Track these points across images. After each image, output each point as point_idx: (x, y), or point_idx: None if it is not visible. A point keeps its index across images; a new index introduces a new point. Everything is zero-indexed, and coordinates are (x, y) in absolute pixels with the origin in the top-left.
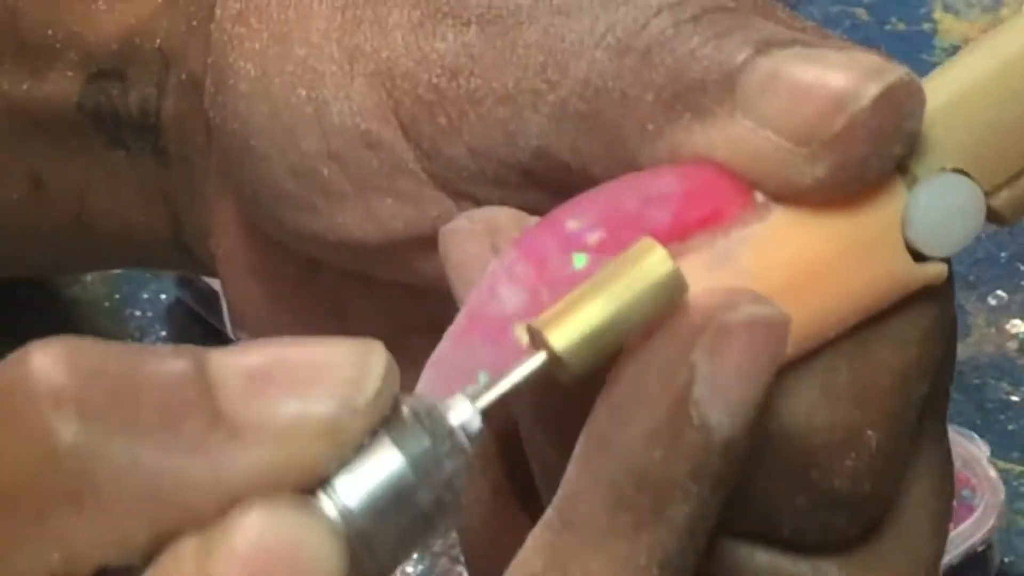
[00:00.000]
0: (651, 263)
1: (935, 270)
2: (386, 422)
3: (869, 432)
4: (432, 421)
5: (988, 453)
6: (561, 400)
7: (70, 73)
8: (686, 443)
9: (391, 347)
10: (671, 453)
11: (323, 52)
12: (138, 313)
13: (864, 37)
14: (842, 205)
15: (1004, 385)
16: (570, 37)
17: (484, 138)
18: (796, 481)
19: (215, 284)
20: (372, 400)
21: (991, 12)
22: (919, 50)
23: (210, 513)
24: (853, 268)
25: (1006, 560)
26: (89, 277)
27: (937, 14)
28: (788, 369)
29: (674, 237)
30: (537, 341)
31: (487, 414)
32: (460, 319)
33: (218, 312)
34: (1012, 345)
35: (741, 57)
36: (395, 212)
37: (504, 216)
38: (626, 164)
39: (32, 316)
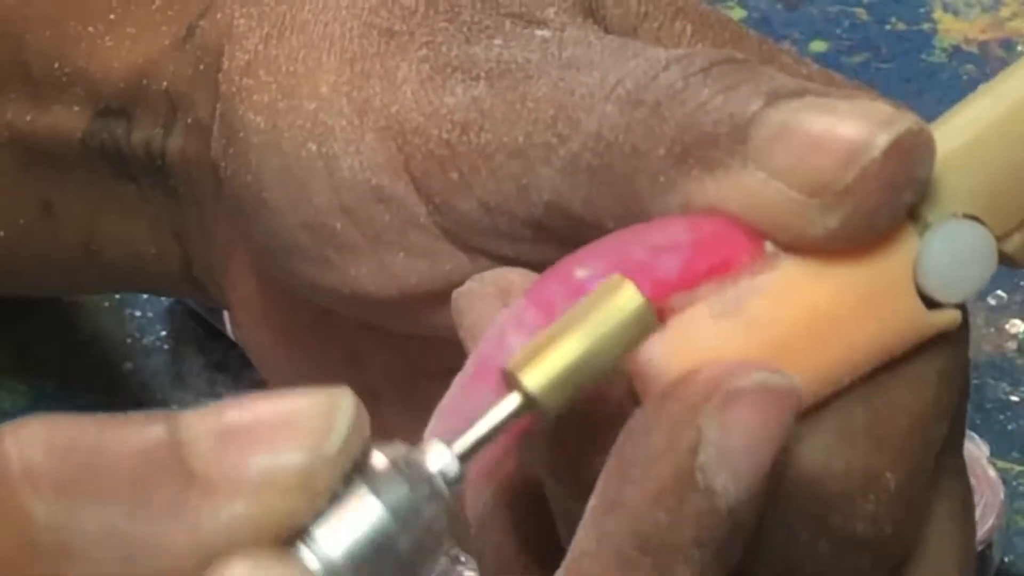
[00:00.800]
0: (621, 299)
1: (949, 317)
2: (363, 470)
3: (888, 474)
4: (410, 468)
5: (987, 453)
6: (573, 451)
7: (76, 108)
8: (691, 507)
9: (406, 394)
10: (676, 517)
11: (333, 106)
12: (138, 313)
13: (864, 37)
14: (853, 254)
15: (1003, 385)
16: (580, 91)
17: (496, 192)
18: (817, 526)
19: None
20: (342, 447)
21: (991, 12)
22: (919, 50)
23: (192, 571)
24: (865, 317)
25: (1006, 559)
26: None
27: (937, 14)
28: (804, 415)
29: (683, 285)
30: (511, 383)
31: (466, 458)
32: (468, 367)
33: (218, 312)
34: (1011, 345)
35: (752, 109)
36: (408, 266)
37: (515, 276)
38: (638, 217)
39: (32, 316)
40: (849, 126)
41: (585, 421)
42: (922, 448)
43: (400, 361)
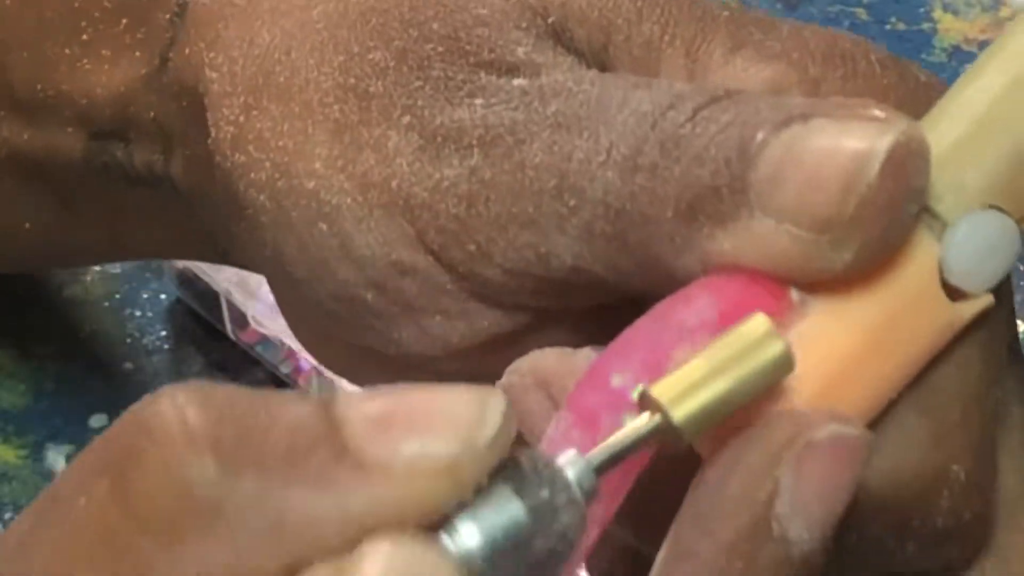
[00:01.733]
0: (765, 343)
1: (981, 303)
2: (505, 470)
3: (955, 467)
4: (550, 473)
5: None
6: (643, 496)
7: (69, 129)
8: (766, 556)
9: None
10: (751, 565)
11: (332, 184)
12: (138, 313)
13: (864, 37)
14: (876, 276)
15: None
16: (577, 156)
17: (517, 260)
18: (900, 532)
19: (215, 284)
20: (492, 441)
21: (991, 12)
22: (919, 50)
23: (336, 546)
24: (900, 333)
25: None
26: (89, 277)
27: (937, 14)
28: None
29: None
30: (650, 405)
31: (601, 471)
32: None
33: (218, 312)
34: None
35: (746, 152)
36: (447, 328)
37: (550, 362)
38: (662, 276)
39: (32, 316)
40: (840, 153)
41: (654, 468)
42: (980, 428)
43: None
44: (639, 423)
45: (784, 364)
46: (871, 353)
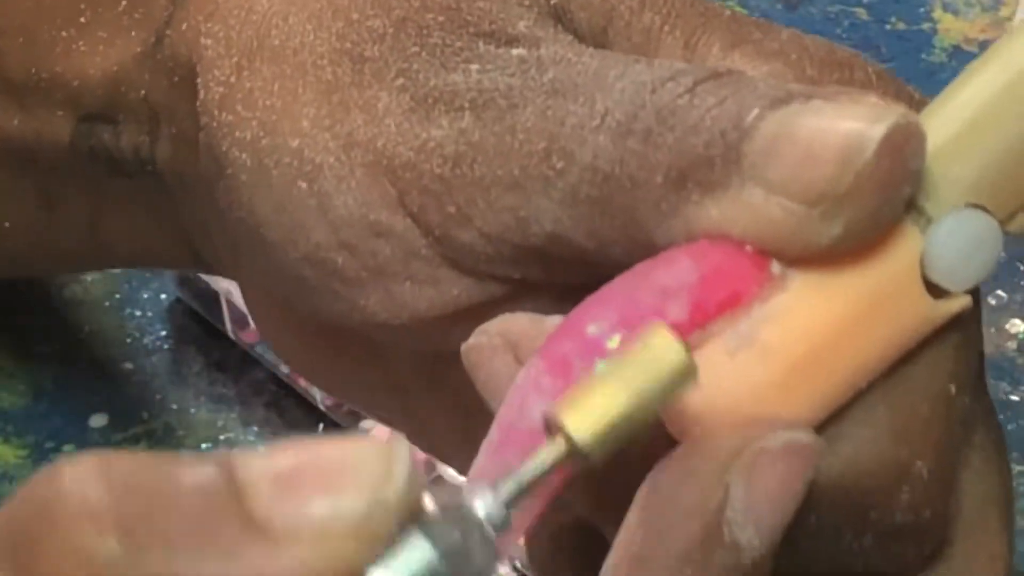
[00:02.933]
0: (665, 352)
1: (959, 303)
2: (416, 516)
3: (919, 463)
4: (460, 515)
5: None
6: (600, 488)
7: (60, 112)
8: (717, 562)
9: (433, 384)
10: (701, 571)
11: (317, 142)
12: (138, 313)
13: (864, 37)
14: (857, 259)
15: (1004, 385)
16: (570, 121)
17: (496, 224)
18: (859, 523)
19: (215, 284)
20: (402, 493)
21: (991, 12)
22: (919, 50)
23: None
24: (877, 320)
25: None
26: (89, 277)
27: (937, 13)
28: (829, 421)
29: (695, 326)
30: (554, 430)
31: (511, 505)
32: (493, 434)
33: (218, 312)
34: (1012, 345)
35: (742, 125)
36: (416, 294)
37: (520, 324)
38: (644, 245)
39: (32, 316)
40: (838, 130)
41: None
42: (947, 428)
43: (424, 354)
44: (545, 452)
45: (688, 373)
46: (846, 335)
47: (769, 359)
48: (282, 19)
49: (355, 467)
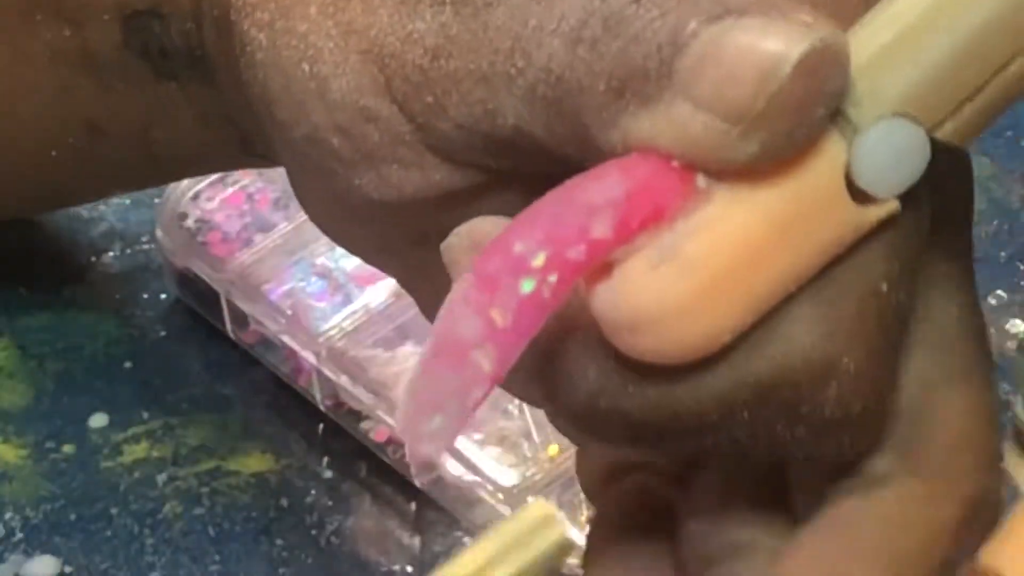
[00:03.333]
0: (546, 527)
1: (886, 208)
2: None
3: (845, 359)
4: None
5: None
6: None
7: (106, 16)
8: None
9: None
10: None
11: (321, 28)
12: (138, 313)
13: None
14: (781, 170)
15: (1004, 385)
16: (532, 22)
17: (468, 115)
18: (790, 416)
19: (215, 284)
20: None
21: None
22: None
23: None
24: (801, 228)
25: None
26: (89, 277)
27: None
28: (759, 321)
29: (620, 242)
30: None
31: None
32: (427, 346)
33: (218, 312)
34: (1012, 345)
35: (676, 40)
36: (403, 177)
37: (485, 228)
38: (591, 148)
39: (32, 316)
40: (758, 50)
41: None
42: (877, 325)
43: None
44: None
45: (565, 548)
46: (771, 243)
47: (691, 271)
48: None
49: None
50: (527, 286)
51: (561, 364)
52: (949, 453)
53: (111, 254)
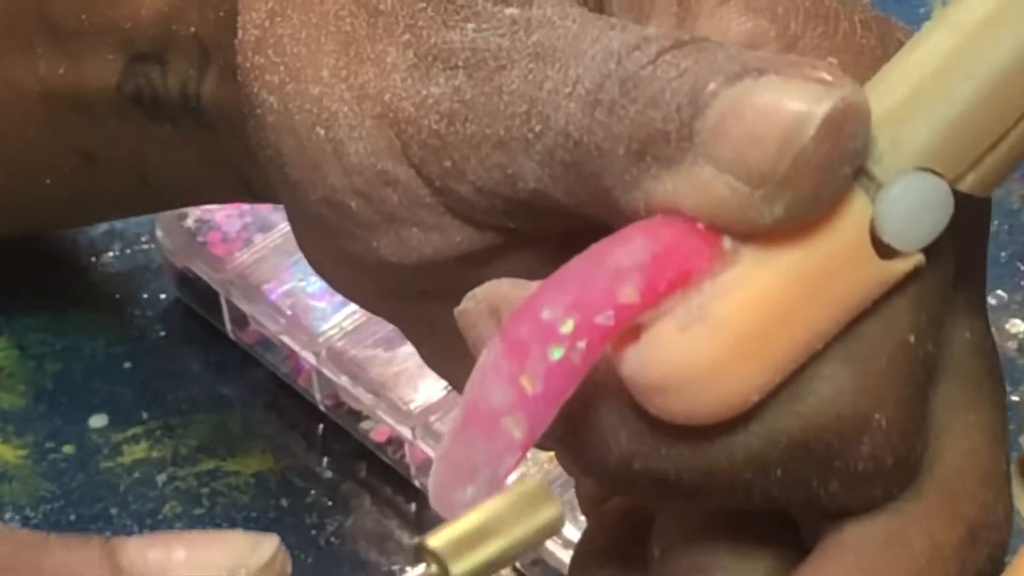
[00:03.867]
0: (541, 500)
1: (911, 262)
2: None
3: (876, 415)
4: None
5: None
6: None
7: (110, 56)
8: None
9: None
10: None
11: (334, 92)
12: (138, 313)
13: None
14: (806, 228)
15: (1004, 385)
16: (547, 86)
17: (487, 179)
18: (824, 471)
19: (215, 284)
20: (265, 564)
21: None
22: None
23: None
24: (827, 286)
25: (1006, 560)
26: (89, 277)
27: (936, 13)
28: (790, 378)
29: (646, 307)
30: (427, 558)
31: None
32: (458, 414)
33: (218, 312)
34: (1012, 345)
35: (697, 100)
36: (422, 239)
37: (503, 291)
38: (613, 210)
39: (32, 316)
40: (780, 111)
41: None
42: (907, 377)
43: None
44: (418, 573)
45: (557, 523)
46: (797, 303)
47: (720, 332)
48: None
49: (223, 542)
50: (556, 353)
51: (592, 428)
52: (953, 474)
53: (111, 254)
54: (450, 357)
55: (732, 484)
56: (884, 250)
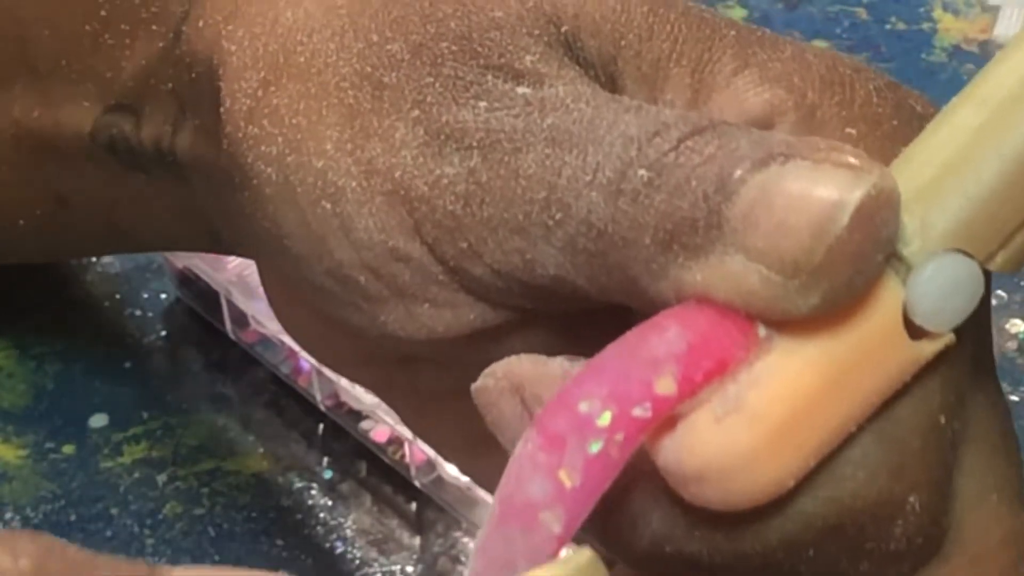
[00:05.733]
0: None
1: (944, 341)
2: None
3: (911, 499)
4: None
5: None
6: None
7: (86, 103)
8: None
9: (453, 398)
10: None
11: (340, 166)
12: (138, 313)
13: (864, 37)
14: (839, 315)
15: (1004, 385)
16: (566, 173)
17: (505, 263)
18: (854, 553)
19: (215, 284)
20: None
21: (991, 12)
22: (919, 49)
23: None
24: (861, 372)
25: None
26: (89, 277)
27: (937, 13)
28: (825, 460)
29: (683, 398)
30: None
31: None
32: (495, 507)
33: (218, 312)
34: (1012, 345)
35: (725, 187)
36: (433, 316)
37: (524, 368)
38: (639, 298)
39: (32, 316)
40: (812, 199)
41: None
42: (938, 459)
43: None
44: None
45: None
46: (832, 390)
47: (756, 423)
48: (307, 35)
49: None
50: (595, 447)
51: (624, 511)
52: (975, 539)
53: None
54: (435, 422)
55: (764, 565)
56: (915, 331)
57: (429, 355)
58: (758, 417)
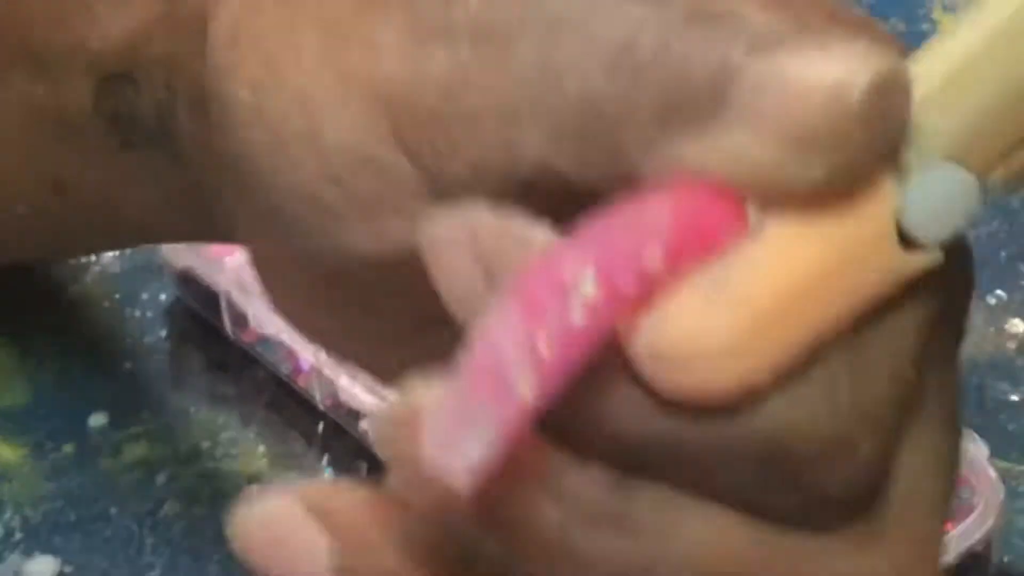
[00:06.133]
0: None
1: (931, 257)
2: None
3: (864, 444)
4: None
5: (988, 453)
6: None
7: (83, 77)
8: None
9: (417, 340)
10: None
11: (316, 76)
12: (138, 313)
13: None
14: (832, 208)
15: (1004, 385)
16: (561, 53)
17: (483, 156)
18: (788, 483)
19: (215, 284)
20: None
21: None
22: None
23: None
24: (848, 270)
25: (1005, 560)
26: (89, 277)
27: (937, 13)
28: (791, 374)
29: (669, 272)
30: None
31: None
32: (461, 377)
33: (218, 312)
34: (1011, 345)
35: (729, 65)
36: (402, 229)
37: (484, 220)
38: (628, 178)
39: (32, 316)
40: (825, 74)
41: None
42: (896, 411)
43: (415, 308)
44: None
45: None
46: (816, 284)
47: (738, 307)
48: None
49: None
50: (576, 316)
51: (585, 397)
52: (901, 501)
53: (111, 254)
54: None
55: (700, 472)
56: (905, 242)
57: (401, 284)
58: (741, 301)
